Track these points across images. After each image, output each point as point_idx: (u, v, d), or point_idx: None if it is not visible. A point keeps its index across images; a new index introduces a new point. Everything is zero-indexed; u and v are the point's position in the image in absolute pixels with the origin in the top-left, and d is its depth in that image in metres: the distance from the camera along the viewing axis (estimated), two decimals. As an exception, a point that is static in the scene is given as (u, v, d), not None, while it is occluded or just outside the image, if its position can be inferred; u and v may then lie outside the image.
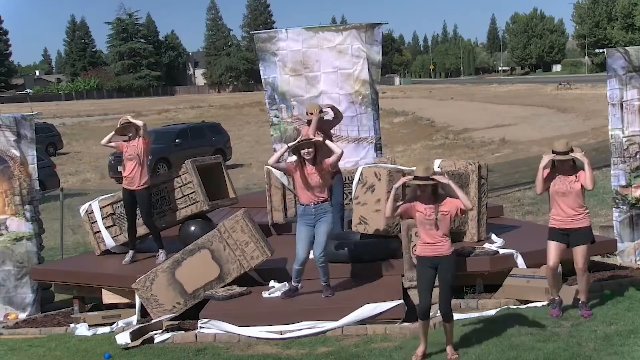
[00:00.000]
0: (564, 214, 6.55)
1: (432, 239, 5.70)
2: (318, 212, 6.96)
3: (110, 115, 54.86)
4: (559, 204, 6.56)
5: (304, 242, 7.01)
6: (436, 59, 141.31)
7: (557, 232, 6.62)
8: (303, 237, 7.01)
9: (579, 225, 6.57)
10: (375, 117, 10.67)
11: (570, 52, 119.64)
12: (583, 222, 6.60)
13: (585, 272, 6.66)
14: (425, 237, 5.72)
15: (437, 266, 5.72)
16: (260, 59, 10.76)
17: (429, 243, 5.72)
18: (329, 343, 6.39)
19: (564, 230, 6.58)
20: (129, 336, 6.73)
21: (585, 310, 6.59)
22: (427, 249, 5.73)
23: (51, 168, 19.30)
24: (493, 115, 36.78)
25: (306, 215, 7.01)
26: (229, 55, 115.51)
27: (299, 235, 7.05)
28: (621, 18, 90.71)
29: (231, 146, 26.83)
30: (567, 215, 6.55)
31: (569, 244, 6.60)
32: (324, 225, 6.95)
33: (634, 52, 8.71)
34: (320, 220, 6.96)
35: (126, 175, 8.42)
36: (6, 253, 8.94)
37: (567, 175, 6.53)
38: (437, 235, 5.70)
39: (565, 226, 6.57)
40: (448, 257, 5.74)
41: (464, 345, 5.97)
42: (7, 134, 9.03)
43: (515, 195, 14.91)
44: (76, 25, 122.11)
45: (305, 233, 7.01)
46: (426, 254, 5.74)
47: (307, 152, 6.90)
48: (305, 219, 7.02)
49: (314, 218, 6.97)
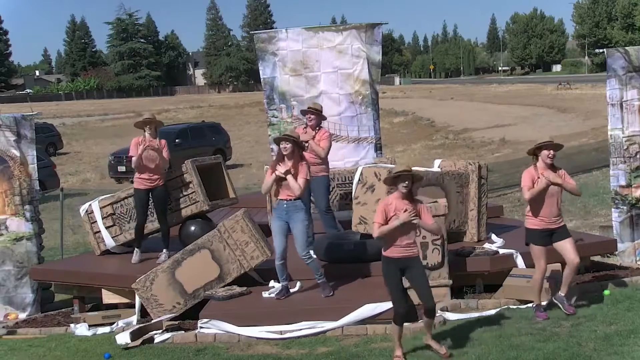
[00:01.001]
0: (551, 214, 6.58)
1: (407, 240, 5.68)
2: (290, 208, 6.98)
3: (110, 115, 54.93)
4: (547, 205, 6.56)
5: (278, 236, 7.03)
6: (436, 59, 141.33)
7: (540, 234, 6.61)
8: (276, 232, 7.04)
9: (561, 224, 6.67)
10: (375, 117, 10.67)
11: (570, 52, 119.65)
12: (563, 221, 6.74)
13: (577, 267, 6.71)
14: (402, 240, 5.65)
15: (405, 268, 5.69)
16: (260, 59, 10.76)
17: (402, 245, 5.67)
18: (329, 343, 6.39)
19: (547, 230, 6.60)
20: (129, 336, 6.72)
21: (568, 304, 6.65)
22: (400, 251, 5.67)
23: (51, 168, 19.29)
24: (493, 115, 36.79)
25: (279, 209, 7.06)
26: (229, 55, 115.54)
27: (273, 231, 7.09)
28: (621, 18, 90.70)
29: (231, 146, 26.84)
30: (553, 216, 6.60)
31: (552, 241, 6.64)
32: (298, 224, 6.97)
33: (634, 52, 8.71)
34: (293, 218, 6.98)
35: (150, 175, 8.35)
36: (6, 253, 8.94)
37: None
38: (413, 237, 5.71)
39: (550, 226, 6.60)
40: (417, 257, 5.81)
41: (464, 345, 5.97)
42: (7, 134, 9.02)
43: (515, 195, 14.89)
44: (76, 25, 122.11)
45: (278, 227, 7.03)
46: (398, 256, 5.68)
47: (284, 147, 6.91)
48: (278, 213, 7.06)
49: (286, 214, 7.00)
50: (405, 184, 5.59)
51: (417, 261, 5.80)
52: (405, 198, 5.65)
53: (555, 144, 6.58)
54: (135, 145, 8.25)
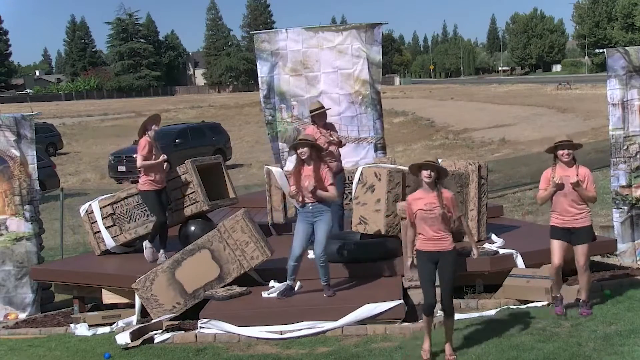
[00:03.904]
0: (566, 212, 6.56)
1: (434, 234, 5.68)
2: (315, 211, 6.98)
3: (110, 115, 54.92)
4: (561, 203, 6.56)
5: (301, 238, 7.04)
6: (436, 59, 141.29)
7: (559, 230, 6.62)
8: (300, 233, 7.05)
9: (580, 224, 6.58)
10: (376, 117, 10.66)
11: (570, 52, 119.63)
12: (585, 221, 6.61)
13: (587, 271, 6.67)
14: (427, 233, 5.70)
15: (437, 261, 5.70)
16: (258, 58, 10.75)
17: (430, 238, 5.70)
18: (329, 343, 6.39)
19: (566, 228, 6.59)
20: (129, 336, 6.72)
21: (585, 309, 6.59)
22: (429, 244, 5.70)
23: (51, 168, 19.27)
24: (493, 115, 36.78)
25: (305, 212, 7.05)
26: (229, 55, 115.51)
27: (296, 231, 7.10)
28: (621, 18, 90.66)
29: (231, 146, 26.83)
30: (569, 214, 6.56)
31: (571, 241, 6.61)
32: (323, 225, 6.97)
33: (634, 52, 8.70)
34: (318, 219, 6.98)
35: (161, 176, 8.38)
36: (6, 253, 8.94)
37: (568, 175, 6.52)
38: (440, 230, 5.69)
39: (567, 225, 6.58)
40: (449, 252, 5.72)
41: (464, 345, 5.97)
42: (7, 134, 9.02)
43: (515, 195, 14.91)
44: (76, 25, 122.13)
45: (303, 230, 7.04)
46: (427, 249, 5.71)
47: (302, 152, 6.91)
48: (304, 216, 7.06)
49: (312, 216, 7.00)
50: (428, 173, 5.65)
51: (449, 256, 5.72)
52: (432, 190, 5.68)
53: (572, 143, 6.55)
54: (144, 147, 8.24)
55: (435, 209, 5.64)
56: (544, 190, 6.61)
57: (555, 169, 6.58)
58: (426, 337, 5.77)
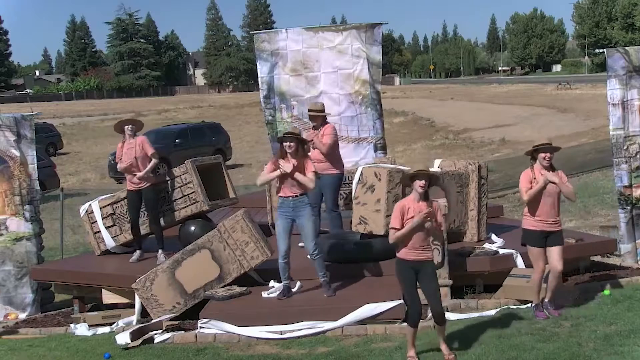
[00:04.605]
0: (549, 215, 6.55)
1: (422, 243, 5.64)
2: (297, 205, 6.98)
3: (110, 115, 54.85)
4: (545, 205, 6.53)
5: (283, 234, 7.01)
6: (436, 59, 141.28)
7: (537, 235, 6.58)
8: (281, 231, 7.03)
9: (558, 228, 6.61)
10: (376, 117, 10.67)
11: (570, 52, 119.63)
12: (560, 225, 6.67)
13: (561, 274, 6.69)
14: (416, 242, 5.62)
15: (418, 270, 5.65)
16: (258, 58, 10.76)
17: (417, 248, 5.63)
18: (329, 343, 6.39)
19: (544, 232, 6.57)
20: (129, 336, 6.72)
21: (554, 309, 6.62)
22: (411, 254, 5.63)
23: (51, 168, 19.28)
24: (493, 115, 36.77)
25: (284, 207, 7.03)
26: (229, 55, 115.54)
27: (277, 229, 7.09)
28: (621, 18, 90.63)
29: (231, 146, 26.82)
30: (551, 217, 6.56)
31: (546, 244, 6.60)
32: (306, 219, 6.97)
33: (634, 52, 8.70)
34: (300, 214, 6.97)
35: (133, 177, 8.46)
36: (6, 253, 8.94)
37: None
38: (425, 241, 5.65)
39: (546, 228, 6.56)
40: (429, 262, 5.73)
41: (464, 345, 5.97)
42: (7, 134, 9.03)
43: (515, 195, 14.87)
44: (76, 25, 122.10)
45: (283, 227, 7.02)
46: (410, 258, 5.63)
47: (288, 146, 6.91)
48: (283, 210, 7.03)
49: (292, 211, 6.99)
50: (422, 183, 5.56)
51: (430, 264, 5.72)
52: (422, 199, 5.61)
53: (552, 146, 6.54)
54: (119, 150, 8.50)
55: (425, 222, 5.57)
56: (528, 188, 6.55)
57: (534, 170, 6.57)
58: (410, 347, 5.73)
